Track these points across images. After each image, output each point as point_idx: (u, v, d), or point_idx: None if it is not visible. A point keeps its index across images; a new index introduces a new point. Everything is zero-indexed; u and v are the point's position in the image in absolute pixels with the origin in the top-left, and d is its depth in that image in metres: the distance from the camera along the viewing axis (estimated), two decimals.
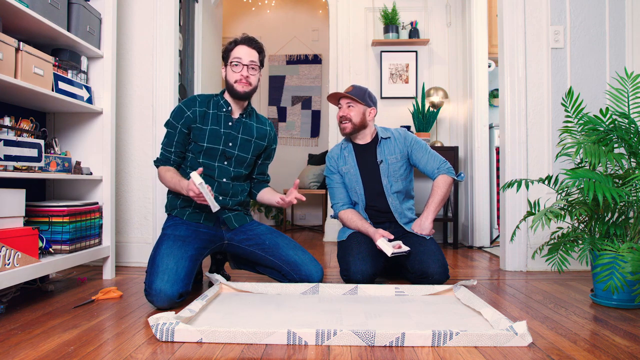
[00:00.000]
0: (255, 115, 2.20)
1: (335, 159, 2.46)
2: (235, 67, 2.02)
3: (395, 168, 2.38)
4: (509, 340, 1.38)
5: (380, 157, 2.38)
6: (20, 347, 1.35)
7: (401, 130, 2.46)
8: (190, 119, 2.03)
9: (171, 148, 2.07)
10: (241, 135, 2.10)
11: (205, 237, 2.02)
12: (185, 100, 2.08)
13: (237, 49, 2.02)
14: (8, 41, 1.75)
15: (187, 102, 2.06)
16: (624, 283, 1.72)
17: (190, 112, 2.03)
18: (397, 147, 2.40)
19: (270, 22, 5.52)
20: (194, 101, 2.06)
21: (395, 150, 2.39)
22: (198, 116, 2.03)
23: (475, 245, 3.64)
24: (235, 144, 2.08)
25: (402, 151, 2.39)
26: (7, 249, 1.67)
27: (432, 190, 2.33)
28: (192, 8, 3.56)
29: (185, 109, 2.04)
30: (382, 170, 2.37)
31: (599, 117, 1.98)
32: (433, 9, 3.93)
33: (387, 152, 2.39)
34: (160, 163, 2.09)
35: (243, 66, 2.02)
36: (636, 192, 1.86)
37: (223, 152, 2.06)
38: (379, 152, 2.39)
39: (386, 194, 2.36)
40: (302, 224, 5.31)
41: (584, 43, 2.71)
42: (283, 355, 1.30)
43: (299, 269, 2.04)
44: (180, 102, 2.09)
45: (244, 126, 2.11)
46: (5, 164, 1.76)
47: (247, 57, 2.02)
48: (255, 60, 2.05)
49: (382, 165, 2.37)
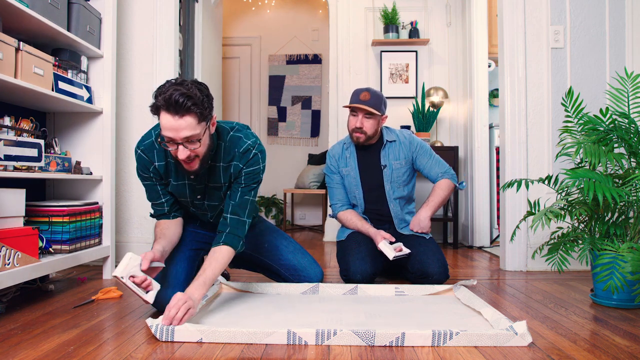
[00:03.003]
0: (224, 148, 1.69)
1: (336, 159, 2.40)
2: (169, 144, 1.53)
3: (399, 174, 2.33)
4: (509, 340, 1.38)
5: (384, 161, 2.33)
6: (20, 347, 1.35)
7: (406, 134, 2.40)
8: (157, 172, 1.73)
9: (161, 199, 1.77)
10: (208, 184, 1.75)
11: (202, 238, 1.98)
12: (143, 149, 1.71)
13: (163, 119, 1.48)
14: (8, 41, 1.75)
15: (144, 157, 1.71)
16: (624, 283, 1.72)
17: (152, 168, 1.72)
18: (402, 152, 2.34)
19: (270, 22, 5.52)
20: (151, 151, 1.70)
21: (400, 156, 2.34)
22: (161, 172, 1.73)
23: (475, 245, 3.64)
24: (203, 195, 1.78)
25: (406, 156, 2.34)
26: (7, 249, 1.67)
27: (434, 190, 2.31)
28: (192, 8, 3.56)
29: (146, 161, 1.71)
30: (385, 176, 2.33)
31: (599, 117, 1.98)
32: (433, 9, 3.93)
33: (392, 156, 2.34)
34: (159, 218, 1.81)
35: (177, 145, 1.51)
36: (636, 192, 1.86)
37: (193, 204, 1.81)
38: (383, 156, 2.34)
39: (388, 199, 2.34)
40: (302, 224, 5.31)
41: (584, 43, 2.70)
42: (283, 355, 1.30)
43: (298, 274, 2.02)
44: (136, 150, 1.72)
45: (208, 173, 1.72)
46: (5, 164, 1.76)
47: (177, 132, 1.47)
48: (191, 134, 1.48)
49: (386, 171, 2.33)
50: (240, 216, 1.69)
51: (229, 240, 1.66)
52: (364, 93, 2.26)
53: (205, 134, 1.54)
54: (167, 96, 1.44)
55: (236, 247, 1.68)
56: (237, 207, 1.69)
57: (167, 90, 1.45)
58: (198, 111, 1.47)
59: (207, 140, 1.58)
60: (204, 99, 1.49)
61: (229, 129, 1.72)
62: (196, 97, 1.46)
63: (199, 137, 1.51)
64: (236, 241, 1.68)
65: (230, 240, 1.66)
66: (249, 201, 1.71)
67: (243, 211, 1.70)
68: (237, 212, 1.69)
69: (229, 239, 1.66)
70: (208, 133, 1.57)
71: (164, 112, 1.47)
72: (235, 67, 5.56)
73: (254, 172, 1.70)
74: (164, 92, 1.45)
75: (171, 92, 1.44)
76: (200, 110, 1.47)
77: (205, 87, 1.54)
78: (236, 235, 1.68)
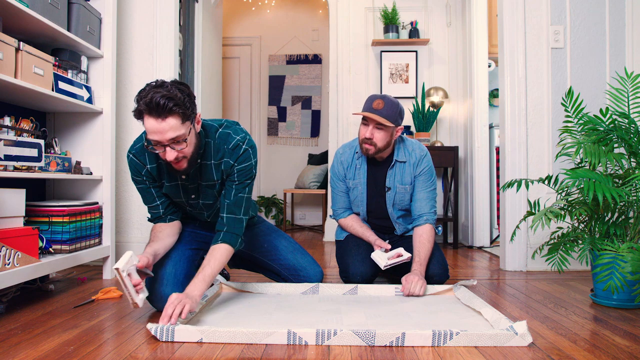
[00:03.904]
0: (213, 145, 1.68)
1: (344, 167, 2.23)
2: (156, 147, 1.53)
3: (402, 198, 2.19)
4: (509, 340, 1.38)
5: (389, 183, 2.17)
6: (20, 347, 1.35)
7: (418, 154, 2.18)
8: (150, 175, 1.73)
9: (156, 202, 1.77)
10: (200, 183, 1.74)
11: (202, 238, 1.97)
12: (135, 153, 1.71)
13: (147, 122, 1.47)
14: (8, 41, 1.75)
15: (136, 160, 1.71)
16: (624, 283, 1.72)
17: (144, 171, 1.72)
18: (409, 176, 2.17)
19: (270, 22, 5.52)
20: (142, 154, 1.70)
21: (406, 179, 2.17)
22: (154, 174, 1.72)
23: (475, 245, 3.64)
24: (197, 194, 1.77)
25: (412, 180, 2.18)
26: (7, 249, 1.67)
27: (420, 242, 2.09)
28: (192, 8, 3.56)
29: (139, 164, 1.71)
30: (387, 199, 2.20)
31: (599, 117, 1.98)
32: (433, 8, 3.93)
33: (397, 179, 2.17)
34: (156, 221, 1.81)
35: (165, 147, 1.51)
36: (636, 192, 1.86)
37: (189, 204, 1.81)
38: (389, 176, 2.17)
39: (391, 219, 2.25)
40: (302, 224, 5.31)
41: (584, 43, 2.70)
42: (283, 355, 1.30)
43: (298, 274, 2.02)
44: (128, 155, 1.73)
45: (199, 172, 1.72)
46: (6, 164, 1.76)
47: (162, 134, 1.46)
48: (177, 135, 1.47)
49: (389, 194, 2.18)
50: (236, 214, 1.70)
51: (227, 238, 1.67)
52: (377, 101, 2.03)
53: (190, 133, 1.54)
54: (148, 100, 1.42)
55: (234, 244, 1.69)
56: (232, 206, 1.69)
57: (148, 93, 1.44)
58: (180, 111, 1.46)
59: (194, 139, 1.58)
60: (185, 99, 1.47)
61: (217, 126, 1.71)
62: (177, 98, 1.44)
63: (185, 137, 1.50)
64: (234, 239, 1.69)
65: (228, 239, 1.67)
66: (244, 199, 1.71)
67: (239, 209, 1.70)
68: (233, 210, 1.70)
69: (227, 237, 1.67)
70: (194, 132, 1.57)
71: (147, 115, 1.45)
72: (235, 67, 5.56)
73: (245, 168, 1.70)
74: (144, 96, 1.44)
75: (152, 95, 1.42)
76: (183, 110, 1.46)
77: (186, 87, 1.52)
78: (234, 233, 1.69)
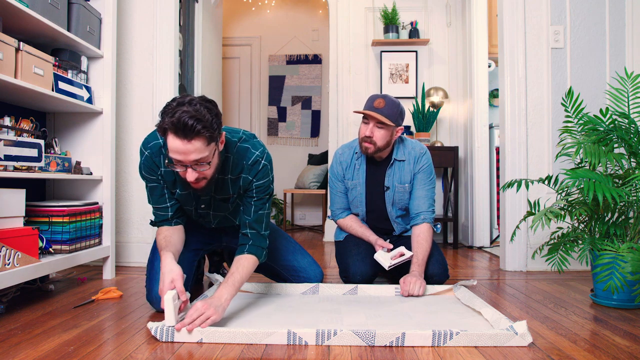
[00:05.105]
0: (232, 160, 1.65)
1: (343, 167, 2.24)
2: (177, 166, 1.47)
3: (401, 197, 2.20)
4: (509, 340, 1.38)
5: (388, 182, 2.19)
6: (20, 347, 1.35)
7: (417, 152, 2.19)
8: (163, 178, 1.69)
9: (166, 204, 1.72)
10: (214, 196, 1.73)
11: (202, 238, 1.97)
12: (150, 152, 1.64)
13: (171, 142, 1.40)
14: (8, 41, 1.75)
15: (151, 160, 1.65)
16: (624, 283, 1.72)
17: (159, 172, 1.67)
18: (408, 174, 2.18)
19: (270, 22, 5.52)
20: (158, 156, 1.64)
21: (405, 178, 2.18)
22: (168, 180, 1.69)
23: (475, 245, 3.64)
24: (207, 205, 1.76)
25: (411, 179, 2.19)
26: (7, 249, 1.67)
27: (417, 242, 2.09)
28: (192, 8, 3.56)
29: (153, 164, 1.65)
30: (387, 198, 2.21)
31: (599, 117, 1.98)
32: (433, 9, 3.93)
33: (396, 178, 2.18)
34: (160, 224, 1.75)
35: (187, 168, 1.46)
36: (636, 192, 1.86)
37: (197, 213, 1.80)
38: (388, 176, 2.19)
39: (390, 219, 2.26)
40: (302, 224, 5.31)
41: (584, 43, 2.70)
42: (283, 355, 1.30)
43: (298, 275, 2.03)
44: (143, 150, 1.66)
45: (215, 186, 1.68)
46: (5, 164, 1.76)
47: (186, 155, 1.41)
48: (200, 158, 1.42)
49: (388, 193, 2.19)
50: (259, 231, 1.71)
51: (254, 250, 1.69)
52: (378, 100, 2.05)
53: (214, 155, 1.49)
54: (175, 119, 1.35)
55: (260, 256, 1.71)
56: (254, 223, 1.70)
57: (175, 111, 1.36)
58: (208, 134, 1.40)
59: (216, 160, 1.53)
60: (212, 120, 1.41)
61: (237, 140, 1.67)
62: (205, 120, 1.38)
63: (209, 159, 1.46)
64: (260, 252, 1.71)
65: (254, 251, 1.69)
66: (264, 215, 1.71)
67: (260, 226, 1.71)
68: (255, 227, 1.70)
69: (253, 250, 1.69)
70: (217, 153, 1.52)
71: (171, 134, 1.39)
72: (235, 67, 5.56)
73: (264, 184, 1.68)
74: (170, 114, 1.37)
75: (179, 114, 1.35)
76: (210, 133, 1.40)
77: (213, 105, 1.46)
78: (259, 246, 1.71)
